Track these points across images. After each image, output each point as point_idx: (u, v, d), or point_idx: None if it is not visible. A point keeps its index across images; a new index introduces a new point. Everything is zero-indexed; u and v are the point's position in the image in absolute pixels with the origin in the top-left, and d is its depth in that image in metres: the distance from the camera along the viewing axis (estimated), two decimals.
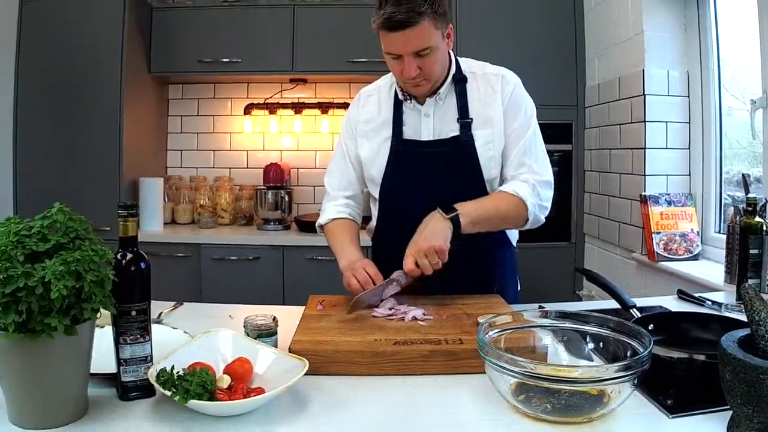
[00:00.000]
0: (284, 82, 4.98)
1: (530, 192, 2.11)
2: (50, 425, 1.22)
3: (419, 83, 2.09)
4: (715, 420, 1.28)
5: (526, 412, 1.30)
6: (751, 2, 2.93)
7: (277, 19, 4.52)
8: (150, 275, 1.39)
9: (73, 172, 4.26)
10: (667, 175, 3.51)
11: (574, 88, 4.25)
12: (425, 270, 1.93)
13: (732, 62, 3.32)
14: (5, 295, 1.13)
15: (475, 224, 2.02)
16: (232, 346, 1.53)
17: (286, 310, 1.99)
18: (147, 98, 4.68)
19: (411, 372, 1.56)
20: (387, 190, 2.28)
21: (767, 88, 2.87)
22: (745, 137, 3.18)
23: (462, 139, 2.16)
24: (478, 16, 4.19)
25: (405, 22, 1.92)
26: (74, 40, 4.27)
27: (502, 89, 2.20)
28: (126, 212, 1.38)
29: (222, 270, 4.28)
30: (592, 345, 1.53)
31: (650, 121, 3.46)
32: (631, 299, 1.98)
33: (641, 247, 3.49)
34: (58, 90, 4.28)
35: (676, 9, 3.48)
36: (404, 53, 1.99)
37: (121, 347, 1.35)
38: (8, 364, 1.19)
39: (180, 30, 4.57)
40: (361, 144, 2.31)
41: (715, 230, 3.38)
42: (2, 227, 1.23)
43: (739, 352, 1.18)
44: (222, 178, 5.03)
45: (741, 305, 1.69)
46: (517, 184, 2.12)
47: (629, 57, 3.62)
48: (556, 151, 4.23)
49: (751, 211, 2.36)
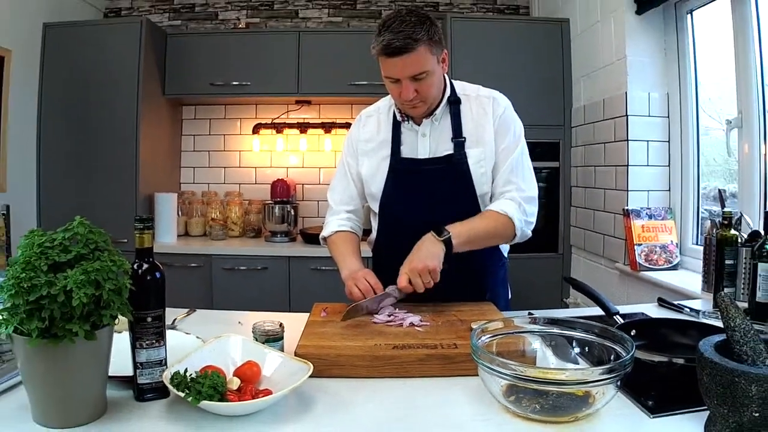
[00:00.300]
0: (290, 104, 4.99)
1: (517, 209, 2.13)
2: (71, 424, 1.22)
3: (416, 105, 2.10)
4: (693, 420, 1.28)
5: (517, 412, 1.30)
6: (726, 29, 2.95)
7: (284, 45, 4.54)
8: (164, 284, 1.39)
9: (93, 187, 4.27)
10: (648, 191, 3.52)
11: (561, 109, 4.26)
12: (417, 288, 1.94)
13: (709, 85, 3.33)
14: (29, 302, 1.14)
15: (466, 244, 2.04)
16: (241, 350, 1.53)
17: (291, 317, 1.99)
18: (162, 119, 4.69)
19: (409, 374, 1.56)
20: (386, 205, 2.28)
21: (742, 109, 2.88)
22: (720, 155, 3.18)
23: (456, 157, 2.17)
24: (471, 42, 4.20)
25: (402, 49, 1.94)
26: (94, 64, 4.29)
27: (493, 111, 2.20)
28: (142, 225, 1.38)
29: (232, 279, 4.27)
30: (578, 349, 1.53)
31: (632, 140, 3.47)
32: (614, 306, 1.97)
33: (624, 257, 3.49)
34: (79, 110, 4.29)
35: (657, 35, 3.49)
36: (402, 77, 2.01)
37: (137, 351, 1.35)
38: (32, 368, 1.20)
39: (193, 55, 4.58)
40: (362, 162, 2.32)
41: (693, 242, 3.38)
42: (27, 239, 1.23)
43: (715, 356, 1.18)
44: (232, 193, 5.03)
45: (717, 312, 1.69)
46: (504, 203, 2.14)
47: (613, 80, 3.63)
48: (544, 168, 4.24)
49: (726, 224, 2.37)
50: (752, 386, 1.09)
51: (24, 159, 4.24)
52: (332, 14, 5.21)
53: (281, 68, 4.53)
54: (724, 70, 3.06)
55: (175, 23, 5.22)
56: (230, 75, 4.55)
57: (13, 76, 4.09)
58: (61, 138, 4.30)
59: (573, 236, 4.29)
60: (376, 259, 2.42)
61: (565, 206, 4.31)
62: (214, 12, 5.23)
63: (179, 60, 4.59)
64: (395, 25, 1.95)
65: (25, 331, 1.15)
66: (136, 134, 4.25)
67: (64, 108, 4.30)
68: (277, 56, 4.54)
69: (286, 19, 5.21)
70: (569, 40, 4.25)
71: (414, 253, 1.99)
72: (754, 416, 1.10)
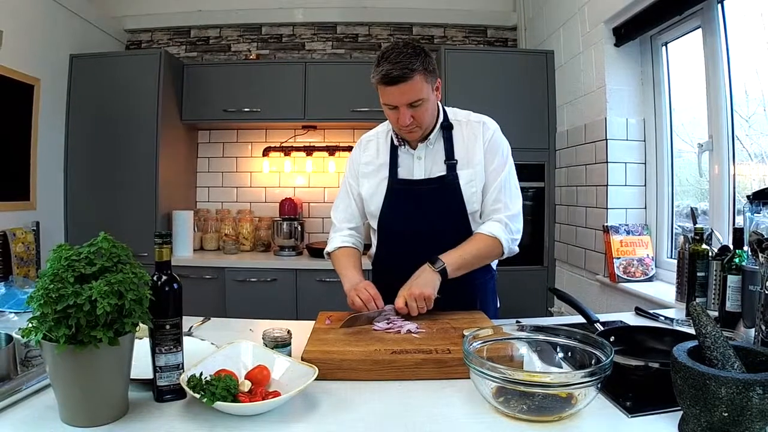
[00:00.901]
0: (297, 129, 5.01)
1: (503, 230, 2.16)
2: (96, 423, 1.22)
3: (412, 130, 2.12)
4: (667, 419, 1.28)
5: (506, 412, 1.30)
6: (698, 60, 2.97)
7: (291, 75, 4.56)
8: (182, 294, 1.39)
9: (116, 205, 4.28)
10: (626, 209, 3.52)
11: (546, 134, 4.26)
12: (412, 311, 1.96)
13: (682, 111, 3.35)
14: (57, 311, 1.15)
15: (460, 269, 2.09)
16: (252, 355, 1.53)
17: (298, 325, 1.98)
18: (179, 142, 4.70)
19: (406, 377, 1.56)
20: (384, 222, 2.29)
21: (712, 133, 2.90)
22: (693, 176, 3.19)
23: (448, 178, 2.19)
24: (464, 72, 4.22)
25: (400, 78, 1.97)
26: (117, 92, 4.31)
27: (483, 134, 2.22)
28: (161, 240, 1.39)
29: (243, 290, 4.27)
30: (561, 354, 1.52)
31: (611, 162, 3.48)
32: (595, 315, 1.97)
33: (604, 270, 3.49)
34: (103, 134, 4.31)
35: (634, 65, 3.51)
36: (399, 104, 2.03)
37: (156, 356, 1.35)
38: (60, 371, 1.20)
39: (208, 84, 4.61)
40: (362, 183, 2.33)
41: (668, 256, 3.38)
42: (55, 253, 1.24)
43: (688, 360, 1.18)
44: (243, 211, 5.04)
45: (690, 320, 1.70)
46: (492, 225, 2.17)
47: (593, 107, 3.65)
48: (530, 188, 4.25)
49: (698, 239, 2.37)
50: (722, 388, 1.09)
51: (52, 179, 4.26)
52: (335, 46, 5.25)
53: (289, 96, 4.55)
54: (695, 98, 3.08)
55: (192, 55, 5.25)
56: (242, 102, 4.57)
57: (43, 103, 4.12)
58: (87, 160, 4.32)
59: (557, 250, 4.28)
60: (376, 271, 2.42)
61: (549, 223, 4.31)
62: (227, 44, 5.27)
63: (195, 88, 4.61)
64: (393, 56, 1.98)
65: (53, 337, 1.16)
66: (155, 156, 4.27)
67: (90, 132, 4.32)
68: (285, 85, 4.56)
69: (294, 51, 5.24)
70: (554, 70, 4.27)
71: (412, 281, 2.04)
72: (724, 416, 1.10)
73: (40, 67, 4.08)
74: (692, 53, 3.08)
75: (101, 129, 4.31)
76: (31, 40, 4.01)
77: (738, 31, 2.77)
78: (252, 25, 5.25)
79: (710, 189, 2.96)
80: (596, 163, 3.61)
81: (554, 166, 4.28)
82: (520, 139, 4.19)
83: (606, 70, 3.49)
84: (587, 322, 1.96)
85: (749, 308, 1.83)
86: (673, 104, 3.39)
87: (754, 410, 1.08)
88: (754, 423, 1.10)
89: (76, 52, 4.38)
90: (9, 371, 1.39)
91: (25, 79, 3.94)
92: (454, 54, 4.29)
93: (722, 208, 2.87)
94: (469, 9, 5.20)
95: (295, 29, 5.26)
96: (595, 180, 3.64)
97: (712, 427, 1.13)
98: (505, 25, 5.21)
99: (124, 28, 5.23)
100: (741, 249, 2.04)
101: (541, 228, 4.31)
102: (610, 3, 3.37)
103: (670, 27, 3.21)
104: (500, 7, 5.23)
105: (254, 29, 5.26)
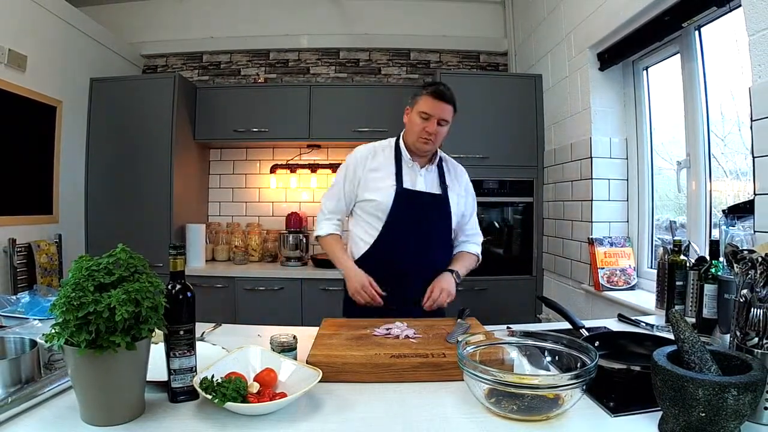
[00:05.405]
0: (302, 147, 5.02)
1: (479, 249, 2.69)
2: (114, 423, 1.22)
3: (429, 140, 2.42)
4: (648, 419, 1.29)
5: (497, 412, 1.31)
6: (677, 83, 2.98)
7: (297, 97, 4.57)
8: (194, 302, 1.40)
9: (133, 218, 4.27)
10: (609, 222, 3.52)
11: (534, 152, 4.26)
12: (440, 300, 2.33)
13: (661, 131, 3.35)
14: (78, 318, 1.15)
15: (461, 277, 2.50)
16: (260, 359, 1.54)
17: (304, 330, 1.99)
18: (192, 160, 4.71)
19: (404, 379, 1.57)
20: (391, 222, 2.43)
21: (690, 151, 2.90)
22: (672, 191, 3.18)
23: (441, 197, 2.51)
24: (458, 94, 4.18)
25: (447, 98, 2.40)
26: (134, 113, 4.32)
27: (464, 177, 2.67)
28: (175, 251, 1.40)
29: (252, 298, 4.26)
30: (549, 358, 1.53)
31: (596, 179, 3.48)
32: (580, 321, 1.98)
33: (589, 279, 3.49)
34: (121, 152, 4.31)
35: (617, 88, 3.53)
36: (435, 115, 2.39)
37: (171, 360, 1.36)
38: (80, 374, 1.20)
39: (219, 105, 4.61)
40: (368, 186, 2.49)
41: (648, 266, 3.37)
42: (76, 264, 1.25)
43: (667, 364, 1.19)
44: (252, 224, 5.03)
45: (669, 326, 1.70)
46: (472, 246, 2.66)
47: (579, 127, 3.66)
48: (520, 203, 4.25)
49: (677, 251, 2.38)
50: (699, 390, 1.10)
51: (74, 194, 4.27)
52: (338, 71, 5.27)
53: (295, 116, 4.56)
54: (674, 118, 3.09)
55: (204, 78, 5.27)
56: (251, 122, 4.58)
57: (65, 123, 4.14)
58: (106, 176, 4.32)
59: (545, 261, 4.28)
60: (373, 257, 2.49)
61: (538, 235, 4.30)
62: (237, 69, 5.29)
63: (207, 110, 4.62)
64: (443, 86, 2.43)
65: (74, 342, 1.16)
66: (170, 173, 4.27)
67: (108, 150, 4.32)
68: (291, 106, 4.57)
69: (299, 75, 5.26)
70: (542, 93, 4.28)
71: (441, 281, 2.40)
72: (701, 416, 1.11)
73: (62, 90, 4.11)
74: (671, 77, 3.10)
75: (119, 147, 4.31)
76: (54, 65, 4.03)
77: (714, 56, 2.78)
78: (260, 51, 5.28)
79: (688, 204, 2.96)
80: (581, 180, 3.62)
81: (542, 182, 4.27)
82: (511, 157, 4.23)
83: (591, 93, 3.51)
84: (573, 328, 1.96)
85: (725, 315, 1.84)
86: (654, 124, 3.40)
87: (729, 410, 1.09)
88: (729, 422, 1.11)
89: (96, 76, 4.39)
90: (33, 374, 1.40)
91: (49, 101, 3.96)
92: (449, 77, 4.28)
93: (699, 222, 2.87)
94: (462, 35, 5.24)
95: (300, 54, 5.29)
96: (580, 195, 3.64)
97: (690, 426, 1.13)
98: (497, 50, 5.24)
99: (141, 53, 5.26)
100: (717, 260, 2.05)
101: (530, 240, 4.31)
102: (595, 30, 3.40)
103: (650, 52, 3.23)
104: (492, 34, 5.27)
105: (262, 54, 5.29)
